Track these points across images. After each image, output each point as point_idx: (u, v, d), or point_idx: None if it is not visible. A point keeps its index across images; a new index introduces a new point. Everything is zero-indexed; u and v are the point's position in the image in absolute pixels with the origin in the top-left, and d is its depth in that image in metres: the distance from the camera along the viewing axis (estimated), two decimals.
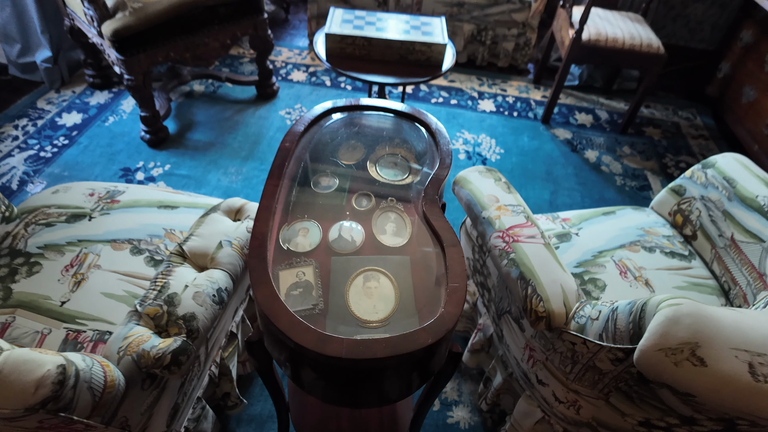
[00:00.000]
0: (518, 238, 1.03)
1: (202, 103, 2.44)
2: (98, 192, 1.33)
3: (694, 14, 2.74)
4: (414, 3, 2.76)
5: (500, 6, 2.70)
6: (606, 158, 2.36)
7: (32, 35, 2.37)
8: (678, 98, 2.86)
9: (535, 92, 2.79)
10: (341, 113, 1.15)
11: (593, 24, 2.31)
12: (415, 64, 1.82)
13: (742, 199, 1.24)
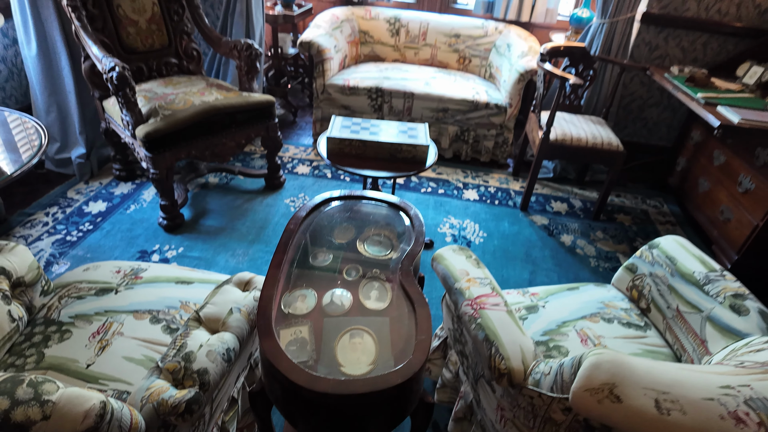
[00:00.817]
0: (484, 305, 1.21)
1: (216, 193, 2.73)
2: (124, 269, 1.52)
3: (650, 117, 3.13)
4: (405, 108, 3.17)
5: (479, 111, 3.10)
6: (580, 242, 2.59)
7: (71, 135, 2.73)
8: (646, 188, 3.16)
9: (515, 183, 3.09)
10: (337, 202, 1.39)
11: (559, 126, 2.66)
12: (402, 161, 2.11)
13: (682, 275, 1.43)
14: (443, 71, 3.45)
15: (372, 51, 3.61)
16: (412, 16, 3.51)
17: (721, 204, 2.46)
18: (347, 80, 3.15)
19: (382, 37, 3.56)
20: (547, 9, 3.47)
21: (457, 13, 3.66)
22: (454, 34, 3.49)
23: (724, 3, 2.68)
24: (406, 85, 3.13)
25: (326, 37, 3.15)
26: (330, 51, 3.13)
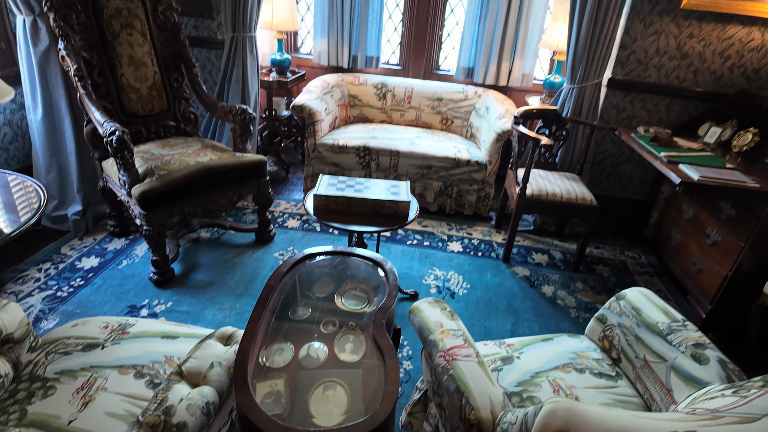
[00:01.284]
0: (456, 356, 1.27)
1: (207, 247, 2.80)
2: (112, 325, 1.57)
3: (623, 172, 3.30)
4: (391, 165, 3.33)
5: (461, 168, 3.26)
6: (561, 293, 2.66)
7: (69, 193, 2.84)
8: (624, 240, 3.28)
9: (497, 236, 3.20)
10: (318, 257, 1.47)
11: (535, 182, 2.81)
12: (385, 216, 2.22)
13: (647, 326, 1.50)
14: (427, 131, 3.65)
15: (361, 113, 3.83)
16: (397, 82, 3.77)
17: (692, 255, 2.56)
18: (337, 140, 3.33)
19: (370, 101, 3.79)
20: (523, 74, 3.73)
21: (439, 79, 3.93)
22: (436, 97, 3.73)
23: (681, 70, 2.93)
24: (392, 144, 3.30)
25: (317, 101, 3.37)
26: (321, 113, 3.33)
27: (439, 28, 3.84)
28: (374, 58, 3.87)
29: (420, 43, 3.85)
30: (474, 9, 3.56)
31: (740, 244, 2.22)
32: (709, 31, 2.80)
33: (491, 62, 3.68)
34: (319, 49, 3.85)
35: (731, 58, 2.84)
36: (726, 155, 2.55)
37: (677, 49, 2.87)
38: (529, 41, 3.59)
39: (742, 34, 2.77)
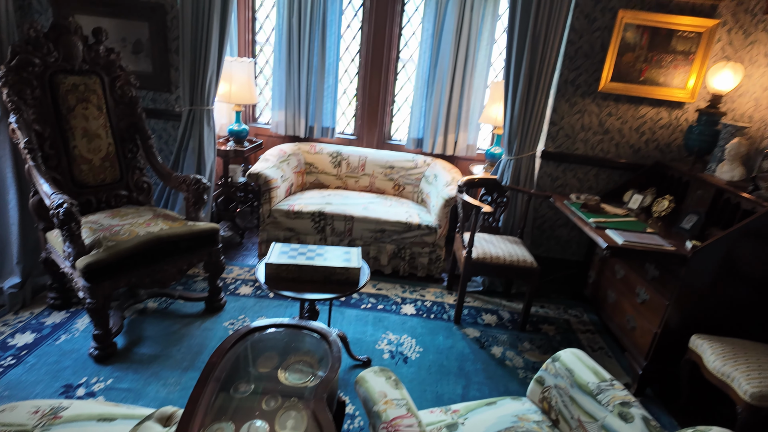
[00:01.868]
0: (398, 428, 1.29)
1: (154, 318, 2.73)
2: (43, 409, 1.50)
3: (561, 235, 3.54)
4: (346, 230, 3.42)
5: (413, 231, 3.39)
6: (509, 353, 2.74)
7: (7, 266, 2.72)
8: (567, 299, 3.45)
9: (449, 297, 3.30)
10: (264, 330, 1.49)
11: (480, 245, 2.97)
12: (337, 282, 2.28)
13: (580, 386, 1.59)
14: (380, 197, 3.81)
15: (317, 180, 3.97)
16: (352, 151, 3.96)
17: (626, 313, 2.73)
18: (292, 206, 3.42)
19: (325, 168, 3.95)
20: (467, 145, 4.03)
21: (392, 148, 4.17)
22: (389, 165, 3.93)
23: (605, 144, 3.27)
24: (346, 210, 3.42)
25: (274, 169, 3.48)
26: (277, 181, 3.43)
27: (390, 102, 4.13)
28: (330, 129, 4.07)
29: (373, 115, 4.11)
30: (421, 86, 3.88)
31: (665, 303, 2.41)
32: (624, 111, 3.17)
33: (438, 134, 3.96)
34: (277, 119, 4.03)
35: (645, 133, 3.21)
36: (648, 220, 2.82)
37: (599, 125, 3.22)
38: (472, 116, 3.91)
39: (652, 113, 3.16)
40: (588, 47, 3.05)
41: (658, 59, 2.99)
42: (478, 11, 3.62)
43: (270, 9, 4.00)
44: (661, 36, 2.95)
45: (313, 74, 3.86)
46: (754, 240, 2.21)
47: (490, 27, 3.68)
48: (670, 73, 3.02)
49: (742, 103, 2.90)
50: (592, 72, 3.09)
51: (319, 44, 3.78)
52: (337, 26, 3.77)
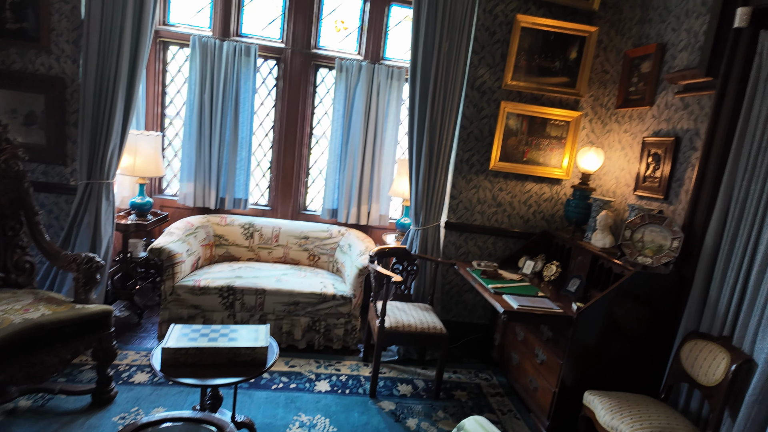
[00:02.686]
0: None
1: (25, 420, 2.37)
2: None
3: (468, 300, 3.74)
4: (257, 304, 3.32)
5: (328, 302, 3.38)
6: (424, 424, 2.74)
7: None
8: (477, 363, 3.57)
9: (365, 369, 3.27)
10: (158, 425, 1.38)
11: (393, 314, 3.03)
12: (242, 364, 2.18)
13: None
14: (295, 268, 3.79)
15: (227, 252, 3.86)
16: (265, 222, 3.95)
17: (529, 374, 2.90)
18: (198, 281, 3.27)
19: (236, 240, 3.87)
20: (380, 215, 4.21)
21: (307, 218, 4.22)
22: (303, 236, 3.96)
23: (499, 215, 3.61)
24: (257, 283, 3.34)
25: (179, 243, 3.34)
26: (182, 255, 3.29)
27: (304, 174, 4.24)
28: (243, 200, 4.05)
29: (287, 187, 4.17)
30: (334, 160, 4.05)
31: (559, 362, 2.60)
32: (513, 186, 3.56)
33: (352, 204, 4.10)
34: (185, 191, 3.93)
35: (532, 206, 3.61)
36: (540, 284, 3.09)
37: (493, 199, 3.56)
38: (383, 188, 4.13)
39: (536, 188, 3.58)
40: (478, 132, 3.44)
41: (537, 143, 3.45)
42: (384, 95, 3.96)
43: (181, 84, 4.04)
44: (537, 123, 3.43)
45: (226, 147, 3.88)
46: (625, 300, 2.52)
47: (395, 110, 4.02)
48: (547, 155, 3.48)
49: (607, 180, 3.40)
50: (484, 153, 3.47)
51: (232, 119, 3.84)
52: (251, 104, 3.89)
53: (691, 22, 2.71)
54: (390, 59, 4.14)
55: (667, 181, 2.75)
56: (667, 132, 2.81)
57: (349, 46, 4.14)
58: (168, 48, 3.98)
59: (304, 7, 3.93)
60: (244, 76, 3.83)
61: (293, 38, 3.97)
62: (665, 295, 2.54)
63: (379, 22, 4.02)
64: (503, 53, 3.35)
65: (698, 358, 2.28)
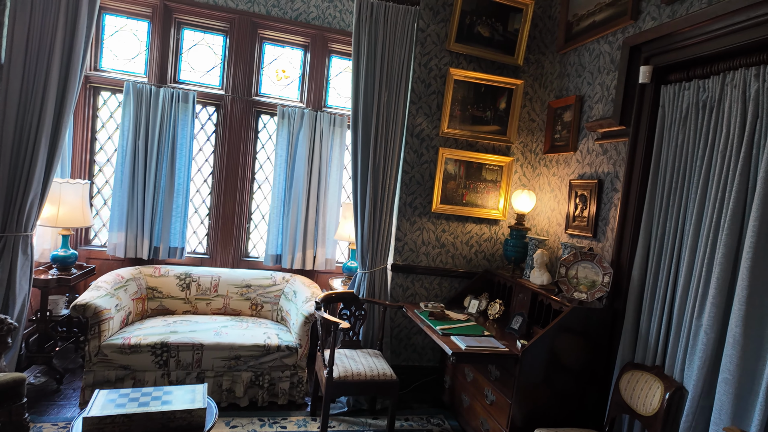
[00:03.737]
0: None
1: None
2: None
3: (417, 342, 3.72)
4: (194, 361, 3.10)
5: (272, 354, 3.22)
6: None
7: None
8: (429, 407, 3.51)
9: (312, 424, 3.10)
10: None
11: (341, 363, 2.94)
12: (177, 429, 2.00)
13: None
14: (236, 319, 3.60)
15: (161, 305, 3.61)
16: (203, 271, 3.76)
17: (479, 416, 2.88)
18: (128, 338, 3.01)
19: (171, 292, 3.64)
20: (326, 259, 4.15)
21: (249, 265, 4.08)
22: (245, 284, 3.80)
23: (443, 256, 3.68)
24: (195, 337, 3.13)
25: (107, 298, 3.09)
26: (110, 311, 3.04)
27: (246, 220, 4.13)
28: (179, 249, 3.85)
29: (228, 233, 4.03)
30: (278, 205, 3.99)
31: (509, 402, 2.62)
32: (455, 227, 3.67)
33: (297, 249, 4.02)
34: (115, 241, 3.68)
35: (474, 246, 3.73)
36: (485, 323, 3.15)
37: (436, 240, 3.65)
38: (328, 232, 4.10)
39: (476, 229, 3.71)
40: (420, 176, 3.56)
41: (474, 186, 3.62)
42: (327, 141, 4.01)
43: (113, 130, 3.87)
44: (474, 168, 3.60)
45: (161, 194, 3.72)
46: (566, 335, 2.61)
47: (339, 155, 4.07)
48: (485, 197, 3.65)
49: (540, 220, 3.60)
50: (426, 196, 3.58)
51: (168, 166, 3.71)
52: (188, 149, 3.79)
53: (603, 77, 3.02)
54: (332, 107, 4.23)
55: (594, 220, 2.96)
56: (591, 175, 3.05)
57: (291, 93, 4.20)
58: (99, 93, 3.83)
59: (244, 56, 3.96)
60: (182, 122, 3.74)
61: (234, 85, 3.97)
62: (601, 328, 2.67)
63: (321, 72, 4.12)
64: (439, 103, 3.53)
65: (636, 389, 2.39)
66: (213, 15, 3.90)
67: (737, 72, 2.15)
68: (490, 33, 3.51)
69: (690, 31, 2.34)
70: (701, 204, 2.27)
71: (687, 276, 2.29)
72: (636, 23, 2.75)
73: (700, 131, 2.34)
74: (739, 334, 1.95)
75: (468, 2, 3.41)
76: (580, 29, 3.25)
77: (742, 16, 2.08)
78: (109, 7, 3.78)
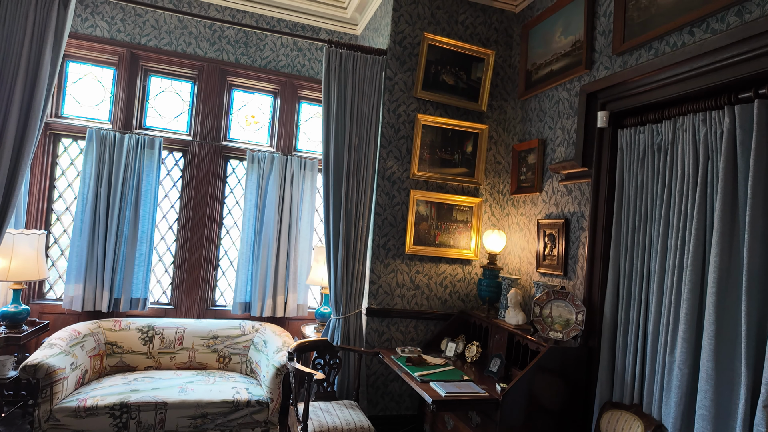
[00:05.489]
0: None
1: None
2: None
3: (394, 390, 3.60)
4: (156, 422, 2.88)
5: (242, 411, 3.04)
6: None
7: None
8: None
9: None
10: None
11: (316, 417, 2.80)
12: None
13: None
14: (202, 373, 3.41)
15: (120, 361, 3.38)
16: (167, 323, 3.57)
17: None
18: (84, 400, 2.79)
19: (132, 346, 3.42)
20: (297, 305, 4.04)
21: (216, 314, 3.91)
22: (212, 335, 3.63)
23: (418, 297, 3.65)
24: (158, 395, 2.93)
25: (61, 356, 2.87)
26: (64, 370, 2.82)
27: (213, 267, 4.00)
28: (141, 300, 3.66)
29: (193, 282, 3.87)
30: (247, 251, 3.89)
31: None
32: (428, 269, 3.67)
33: (267, 296, 3.90)
34: (72, 294, 3.47)
35: (448, 287, 3.72)
36: (464, 366, 3.09)
37: (411, 282, 3.62)
38: (300, 276, 4.01)
39: (450, 269, 3.72)
40: (392, 218, 3.57)
41: (446, 226, 3.65)
42: (297, 185, 3.99)
43: (73, 178, 3.73)
44: (444, 209, 3.65)
45: (123, 243, 3.57)
46: (544, 376, 2.59)
47: (310, 198, 4.05)
48: (457, 237, 3.68)
49: (511, 259, 3.65)
50: (399, 237, 3.58)
51: (131, 213, 3.58)
52: (153, 196, 3.68)
53: (563, 121, 3.18)
54: (302, 150, 4.25)
55: (564, 258, 3.02)
56: (557, 215, 3.15)
57: (261, 138, 4.21)
58: (60, 140, 3.71)
59: (213, 102, 3.96)
60: (147, 168, 3.66)
61: (202, 131, 3.94)
62: (578, 367, 2.67)
63: (290, 117, 4.16)
64: (408, 147, 3.61)
65: (616, 429, 2.38)
66: (181, 63, 3.91)
67: (686, 117, 2.30)
68: (454, 81, 3.66)
69: (640, 80, 2.51)
70: (664, 241, 2.37)
71: (657, 312, 2.35)
72: (591, 72, 2.94)
73: (657, 172, 2.47)
74: (711, 368, 1.99)
75: (432, 53, 3.56)
76: (539, 77, 3.43)
77: (686, 67, 2.26)
78: (74, 55, 3.73)
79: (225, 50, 4.00)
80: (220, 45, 3.99)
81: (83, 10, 3.73)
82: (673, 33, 2.37)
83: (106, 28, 3.76)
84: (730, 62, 2.06)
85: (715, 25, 2.16)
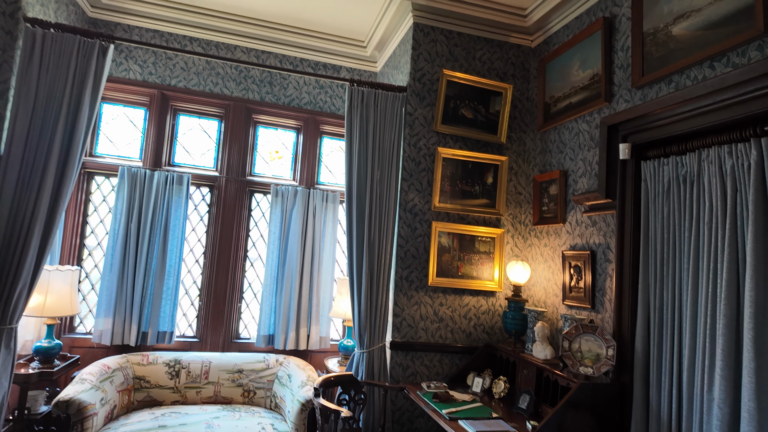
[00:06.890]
0: None
1: None
2: None
3: (420, 426, 3.53)
4: None
5: None
6: None
7: None
8: None
9: None
10: None
11: None
12: None
13: None
14: (227, 408, 3.41)
15: (148, 396, 3.41)
16: (193, 357, 3.60)
17: None
18: None
19: (160, 381, 3.45)
20: (320, 337, 4.04)
21: (240, 347, 3.93)
22: (237, 369, 3.64)
23: (442, 330, 3.62)
24: None
25: (92, 391, 2.91)
26: (95, 406, 2.85)
27: (238, 300, 4.04)
28: (167, 333, 3.71)
29: (218, 314, 3.92)
30: (270, 283, 3.93)
31: None
32: (452, 300, 3.65)
33: (290, 329, 3.92)
34: (102, 328, 3.54)
35: (472, 319, 3.69)
36: (491, 402, 3.03)
37: (434, 314, 3.60)
38: (322, 309, 4.03)
39: (473, 301, 3.70)
40: (414, 250, 3.59)
41: (469, 258, 3.65)
42: (320, 217, 4.06)
43: (105, 214, 3.86)
44: (467, 240, 3.66)
45: (151, 277, 3.65)
46: (576, 413, 2.53)
47: (332, 230, 4.11)
48: (480, 269, 3.67)
49: (536, 291, 3.61)
50: (421, 269, 3.58)
51: (160, 247, 3.68)
52: (181, 230, 3.78)
53: (584, 153, 3.19)
54: (324, 183, 4.34)
55: (591, 290, 2.99)
56: (582, 246, 3.13)
57: (284, 172, 4.31)
58: (93, 178, 3.87)
59: (238, 139, 4.10)
60: (176, 203, 3.77)
61: (228, 167, 4.06)
62: (611, 404, 2.60)
63: (313, 152, 4.27)
64: (429, 180, 3.66)
65: None
66: (209, 102, 4.07)
67: (711, 149, 2.30)
68: (473, 115, 3.72)
69: (662, 113, 2.53)
70: (695, 274, 2.33)
71: (691, 347, 2.30)
72: (611, 104, 2.97)
73: (683, 204, 2.46)
74: (753, 408, 1.93)
75: (451, 88, 3.65)
76: (557, 110, 3.48)
77: (708, 100, 2.27)
78: (108, 97, 3.92)
79: (250, 89, 4.16)
80: (245, 84, 4.16)
81: (118, 54, 3.94)
82: (693, 67, 2.40)
83: (138, 71, 3.96)
84: (754, 95, 2.07)
85: (736, 59, 2.19)
